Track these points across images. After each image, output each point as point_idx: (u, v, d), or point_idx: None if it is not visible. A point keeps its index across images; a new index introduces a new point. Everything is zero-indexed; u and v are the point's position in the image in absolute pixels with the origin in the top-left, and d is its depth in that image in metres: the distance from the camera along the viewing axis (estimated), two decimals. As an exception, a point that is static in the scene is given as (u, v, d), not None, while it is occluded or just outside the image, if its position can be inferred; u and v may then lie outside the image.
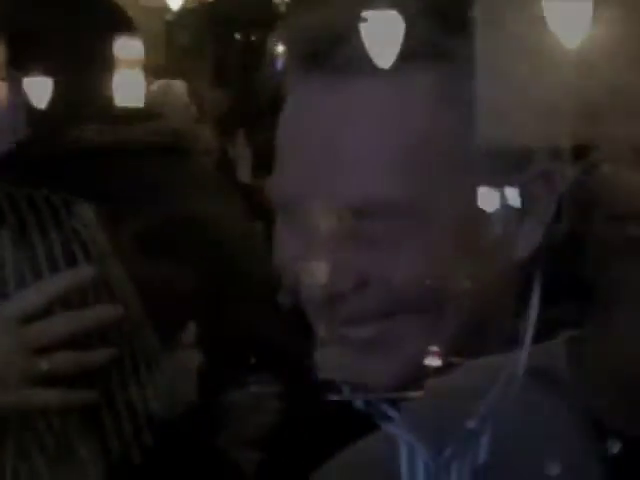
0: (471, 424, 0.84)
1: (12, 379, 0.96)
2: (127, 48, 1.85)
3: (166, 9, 8.32)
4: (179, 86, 4.36)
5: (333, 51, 0.77)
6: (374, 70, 0.74)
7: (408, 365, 0.82)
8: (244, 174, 5.38)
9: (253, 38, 14.67)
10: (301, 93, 0.81)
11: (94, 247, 1.07)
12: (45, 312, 1.01)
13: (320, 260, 0.75)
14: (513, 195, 0.78)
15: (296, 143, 0.81)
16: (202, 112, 5.56)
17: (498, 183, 0.76)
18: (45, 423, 1.00)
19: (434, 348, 0.79)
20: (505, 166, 0.76)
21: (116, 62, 1.21)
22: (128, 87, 2.01)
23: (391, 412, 0.86)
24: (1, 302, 1.00)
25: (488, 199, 0.75)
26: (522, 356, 0.84)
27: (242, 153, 5.84)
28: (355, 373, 0.82)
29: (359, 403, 0.85)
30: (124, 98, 1.66)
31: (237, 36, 14.60)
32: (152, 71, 4.53)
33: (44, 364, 0.97)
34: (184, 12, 8.76)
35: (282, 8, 12.88)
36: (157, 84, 4.01)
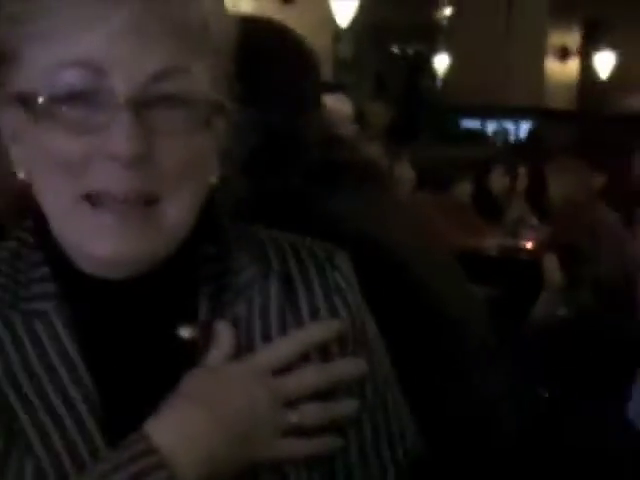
0: None
1: (263, 431, 0.95)
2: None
3: (333, 25, 8.42)
4: (344, 101, 4.31)
5: None
6: None
7: None
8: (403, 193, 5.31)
9: (410, 52, 14.78)
10: None
11: (353, 300, 1.06)
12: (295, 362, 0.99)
13: None
14: None
15: None
16: (365, 128, 5.51)
17: None
18: (295, 473, 0.99)
19: None
20: None
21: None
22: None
23: None
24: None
25: None
26: None
27: (405, 172, 5.76)
28: None
29: None
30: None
31: (395, 50, 14.73)
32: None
33: (295, 417, 0.96)
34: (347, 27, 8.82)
35: (442, 22, 12.90)
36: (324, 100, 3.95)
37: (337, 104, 3.97)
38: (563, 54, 12.47)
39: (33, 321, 0.97)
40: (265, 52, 1.52)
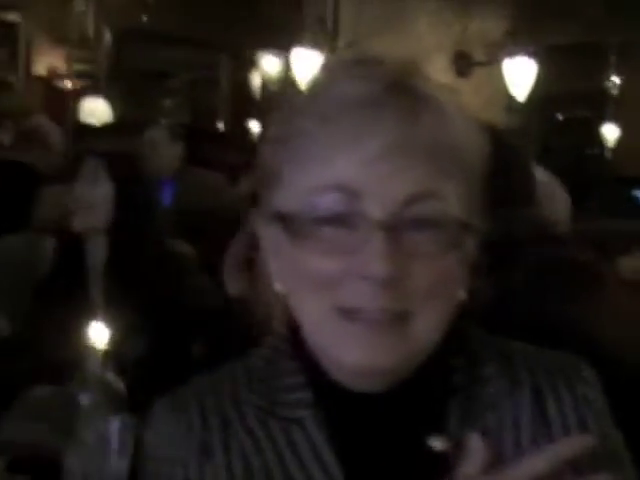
0: None
1: None
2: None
3: (505, 96, 8.45)
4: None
5: None
6: None
7: None
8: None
9: (576, 119, 14.53)
10: None
11: (601, 411, 1.07)
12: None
13: None
14: None
15: None
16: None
17: None
18: None
19: None
20: None
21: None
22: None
23: None
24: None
25: None
26: None
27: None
28: None
29: None
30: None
31: (561, 117, 14.52)
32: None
33: None
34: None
35: (611, 90, 12.68)
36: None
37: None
38: None
39: (290, 427, 1.01)
40: None
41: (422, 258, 0.95)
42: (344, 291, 0.95)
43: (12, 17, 8.51)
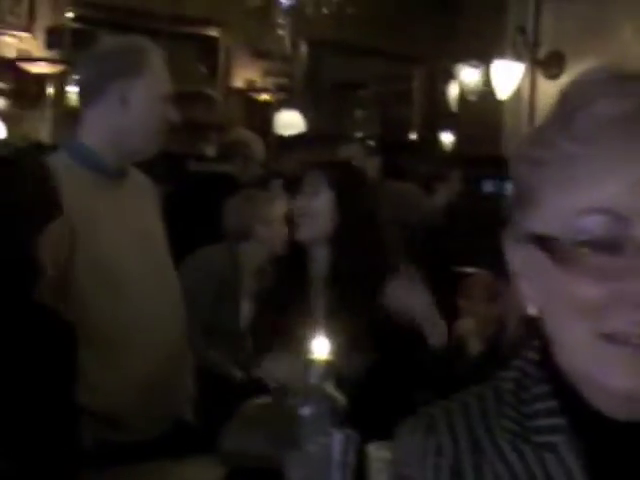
0: None
1: None
2: None
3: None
4: None
5: None
6: None
7: None
8: None
9: None
10: None
11: None
12: None
13: None
14: None
15: None
16: None
17: None
18: None
19: None
20: None
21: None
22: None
23: None
24: None
25: None
26: None
27: None
28: None
29: None
30: None
31: None
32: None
33: None
34: None
35: None
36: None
37: None
38: None
39: (543, 453, 0.98)
40: None
41: None
42: (610, 317, 0.91)
43: (212, 32, 8.80)
